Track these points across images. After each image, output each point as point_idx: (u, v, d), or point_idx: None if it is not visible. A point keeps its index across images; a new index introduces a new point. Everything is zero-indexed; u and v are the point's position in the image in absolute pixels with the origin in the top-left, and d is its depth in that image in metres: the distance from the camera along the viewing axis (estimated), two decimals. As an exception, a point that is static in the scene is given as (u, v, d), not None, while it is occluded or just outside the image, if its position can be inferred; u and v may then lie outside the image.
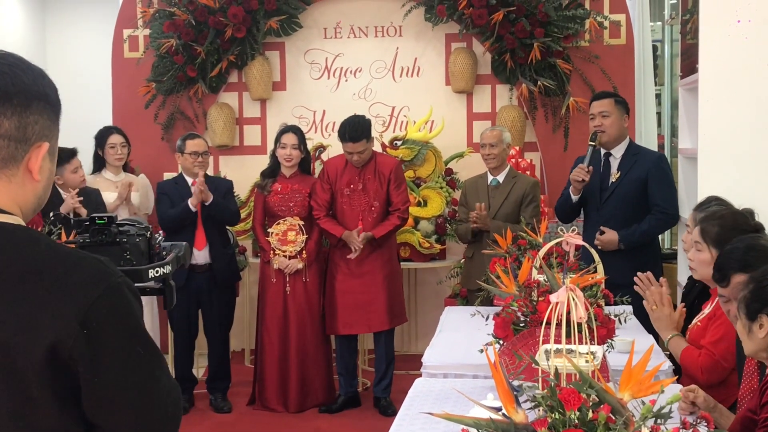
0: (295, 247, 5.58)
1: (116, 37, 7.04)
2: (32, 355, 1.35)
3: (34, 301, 1.36)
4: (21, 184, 1.46)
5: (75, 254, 1.44)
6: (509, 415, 1.73)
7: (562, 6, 6.53)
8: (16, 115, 1.42)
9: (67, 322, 1.35)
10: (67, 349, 1.36)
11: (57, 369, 1.36)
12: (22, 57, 1.48)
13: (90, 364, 1.37)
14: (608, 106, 5.12)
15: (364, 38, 7.00)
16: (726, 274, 2.85)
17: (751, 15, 4.56)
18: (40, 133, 1.46)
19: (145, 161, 6.81)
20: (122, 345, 1.40)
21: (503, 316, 3.03)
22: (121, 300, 1.41)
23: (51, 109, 1.49)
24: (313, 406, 5.67)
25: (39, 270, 1.39)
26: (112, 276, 1.42)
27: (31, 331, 1.35)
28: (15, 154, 1.44)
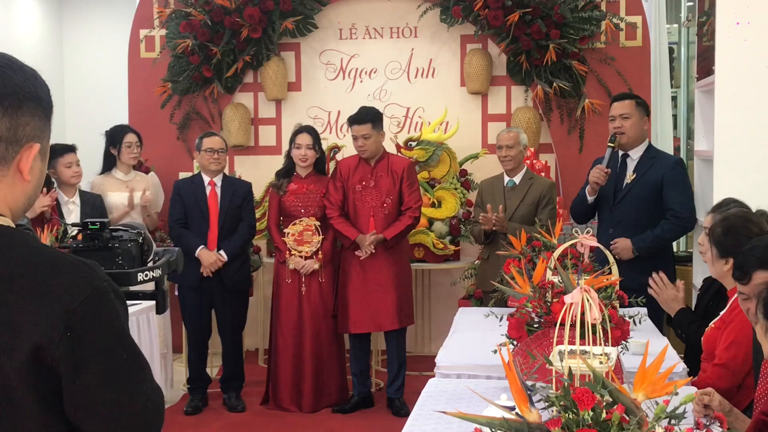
0: (311, 247, 5.59)
1: (132, 37, 7.08)
2: (15, 356, 1.35)
3: (18, 303, 1.36)
4: (11, 184, 1.46)
5: (62, 257, 1.44)
6: (523, 414, 1.73)
7: (578, 7, 6.52)
8: (8, 117, 1.42)
9: (51, 324, 1.36)
10: (50, 352, 1.36)
11: (40, 371, 1.37)
12: (13, 57, 1.48)
13: (72, 367, 1.37)
14: (629, 108, 5.10)
15: (380, 39, 7.01)
16: (747, 272, 2.85)
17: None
18: (31, 134, 1.45)
19: (160, 161, 6.84)
20: (105, 349, 1.40)
21: (517, 317, 3.03)
22: (106, 304, 1.41)
23: (42, 110, 1.48)
24: (327, 406, 5.67)
25: (25, 272, 1.39)
26: (98, 279, 1.42)
27: (14, 333, 1.35)
28: (5, 155, 1.44)
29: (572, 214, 5.36)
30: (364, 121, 5.49)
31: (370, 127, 5.49)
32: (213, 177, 5.68)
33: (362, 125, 5.49)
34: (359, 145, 5.54)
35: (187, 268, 5.64)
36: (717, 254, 3.43)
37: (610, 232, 5.01)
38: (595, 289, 2.44)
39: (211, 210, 5.65)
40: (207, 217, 5.64)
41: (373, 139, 5.51)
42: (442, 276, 6.83)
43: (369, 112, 5.57)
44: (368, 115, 5.53)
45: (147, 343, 4.70)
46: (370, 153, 5.55)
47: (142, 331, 4.65)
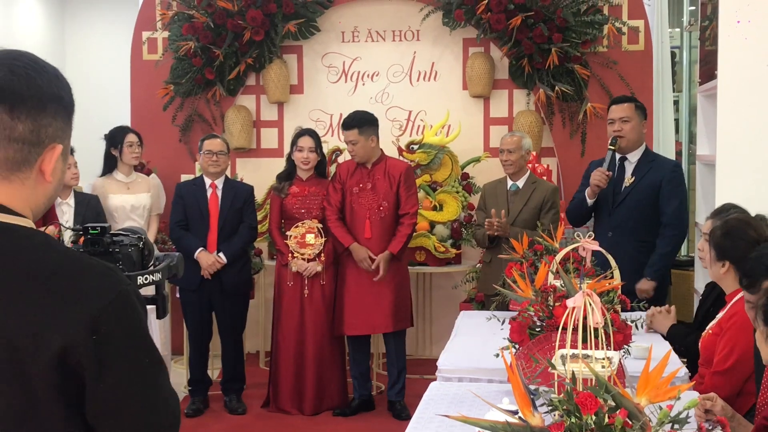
0: (313, 249, 5.59)
1: (135, 39, 7.08)
2: (41, 358, 1.35)
3: (45, 306, 1.36)
4: (33, 186, 1.46)
5: (86, 260, 1.45)
6: (525, 418, 1.73)
7: (581, 11, 6.52)
8: (31, 119, 1.42)
9: (77, 327, 1.36)
10: (75, 354, 1.36)
11: (64, 373, 1.37)
12: (36, 57, 1.48)
13: (96, 370, 1.38)
14: (628, 111, 5.10)
15: (382, 42, 7.01)
16: (755, 281, 2.84)
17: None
18: (53, 135, 1.45)
19: (162, 163, 6.85)
20: (129, 352, 1.41)
21: (519, 321, 3.03)
22: (129, 307, 1.42)
23: (64, 111, 1.48)
24: (328, 409, 5.67)
25: (51, 274, 1.39)
26: (121, 283, 1.43)
27: (41, 335, 1.35)
28: (28, 157, 1.44)
29: (569, 217, 5.35)
30: (351, 127, 5.50)
31: (356, 133, 5.49)
32: (214, 179, 5.68)
33: (349, 130, 5.51)
34: (349, 150, 5.59)
35: (187, 270, 5.60)
36: (715, 257, 3.43)
37: (609, 235, 5.00)
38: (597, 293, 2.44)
39: (211, 212, 5.65)
40: (207, 219, 5.64)
41: (361, 144, 5.51)
42: (443, 279, 6.83)
43: (356, 117, 5.55)
44: (354, 121, 5.52)
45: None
46: (359, 158, 5.55)
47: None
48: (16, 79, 1.41)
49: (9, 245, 1.41)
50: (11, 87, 1.40)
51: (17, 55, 1.46)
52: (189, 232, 5.65)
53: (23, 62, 1.44)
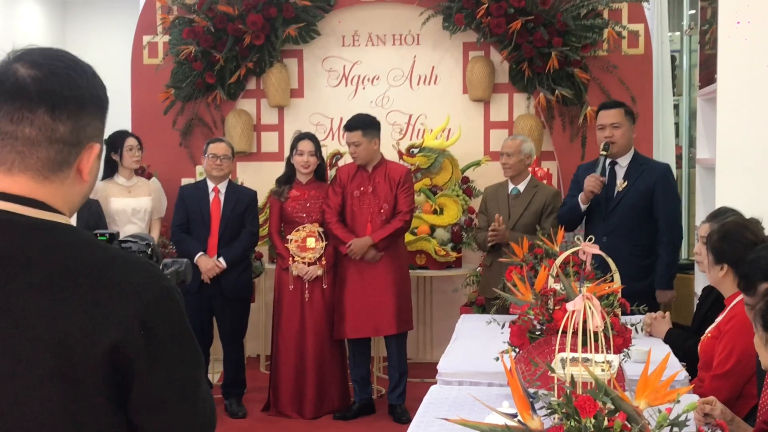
0: (314, 253, 5.59)
1: (136, 43, 7.09)
2: (93, 354, 1.36)
3: (96, 301, 1.37)
4: (71, 185, 1.48)
5: (129, 256, 1.47)
6: (525, 421, 1.73)
7: (581, 15, 6.52)
8: (71, 120, 1.43)
9: (128, 322, 1.37)
10: (127, 350, 1.37)
11: (114, 369, 1.38)
12: (74, 56, 1.49)
13: (146, 364, 1.39)
14: (618, 116, 5.11)
15: (382, 46, 7.02)
16: (752, 284, 2.86)
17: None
18: (91, 135, 1.47)
19: (163, 167, 6.85)
20: (175, 346, 1.44)
21: (519, 324, 3.03)
22: (174, 302, 1.45)
23: (101, 110, 1.50)
24: (328, 412, 5.67)
25: (99, 270, 1.40)
26: (164, 279, 1.46)
27: (94, 331, 1.36)
28: (68, 158, 1.45)
29: (561, 222, 5.24)
30: (354, 128, 5.52)
31: (360, 135, 5.50)
32: (217, 183, 5.69)
33: (352, 132, 5.52)
34: (351, 152, 5.59)
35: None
36: (713, 260, 3.44)
37: (604, 240, 5.00)
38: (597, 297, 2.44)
39: (212, 216, 5.66)
40: (208, 223, 5.65)
41: (364, 146, 5.52)
42: (443, 283, 6.83)
43: (360, 119, 5.58)
44: (358, 123, 5.54)
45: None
46: (361, 160, 5.56)
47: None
48: (56, 80, 1.42)
49: (55, 242, 1.41)
50: (52, 88, 1.41)
51: (57, 54, 1.46)
52: (190, 236, 5.65)
53: (64, 62, 1.45)
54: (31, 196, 1.43)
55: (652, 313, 4.09)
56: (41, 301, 1.37)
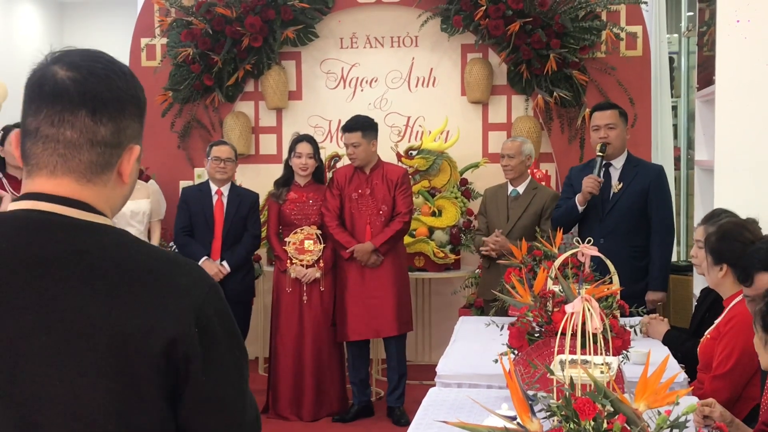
0: (312, 256, 5.59)
1: (134, 45, 7.09)
2: (150, 352, 1.36)
3: (149, 299, 1.37)
4: (113, 187, 1.47)
5: (175, 256, 1.47)
6: (524, 424, 1.73)
7: (579, 17, 6.53)
8: (112, 122, 1.42)
9: (184, 318, 1.37)
10: (183, 346, 1.37)
11: (168, 368, 1.38)
12: (112, 57, 1.48)
13: (201, 362, 1.39)
14: (614, 118, 5.11)
15: (380, 48, 7.02)
16: (750, 274, 2.87)
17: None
18: (131, 137, 1.47)
19: (161, 169, 6.85)
20: (227, 345, 1.43)
21: (518, 326, 3.03)
22: (222, 301, 1.44)
23: (140, 111, 1.49)
24: (327, 415, 5.67)
25: (149, 270, 1.40)
26: (210, 278, 1.46)
27: (149, 328, 1.36)
28: (110, 160, 1.45)
29: (555, 225, 5.21)
30: (354, 129, 5.52)
31: (359, 136, 5.50)
32: (220, 186, 5.69)
33: (352, 133, 5.52)
34: (349, 153, 5.59)
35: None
36: (712, 261, 3.44)
37: (601, 241, 4.99)
38: (596, 299, 2.44)
39: (216, 219, 5.65)
40: (212, 226, 5.64)
41: (363, 147, 5.52)
42: (442, 285, 6.82)
43: (359, 120, 5.59)
44: (358, 124, 5.55)
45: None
46: (360, 161, 5.56)
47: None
48: (96, 82, 1.42)
49: (102, 243, 1.41)
50: (93, 90, 1.41)
51: (96, 55, 1.45)
52: (193, 239, 5.64)
53: (102, 63, 1.44)
54: (76, 198, 1.43)
55: (649, 315, 4.09)
56: (93, 300, 1.37)
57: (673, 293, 6.45)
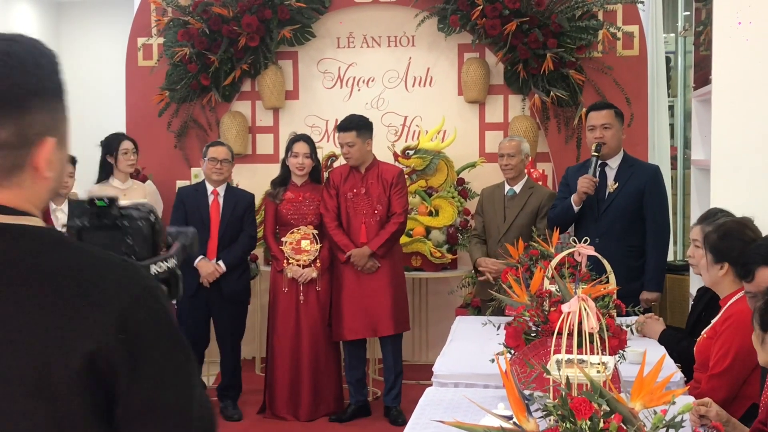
0: (309, 256, 5.58)
1: (130, 45, 7.08)
2: (70, 367, 1.25)
3: (68, 308, 1.26)
4: (32, 184, 1.36)
5: (105, 256, 1.36)
6: (520, 423, 1.73)
7: (576, 17, 6.53)
8: (11, 122, 1.29)
9: (105, 329, 1.26)
10: (106, 358, 1.26)
11: (93, 381, 1.27)
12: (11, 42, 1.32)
13: (129, 370, 1.28)
14: (610, 117, 5.11)
15: (377, 48, 7.02)
16: (750, 269, 2.88)
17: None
18: (42, 130, 1.33)
19: (158, 169, 6.84)
20: (160, 348, 1.32)
21: (515, 326, 3.03)
22: (157, 302, 1.33)
23: (52, 99, 1.35)
24: (324, 415, 5.67)
25: (70, 275, 1.29)
26: (146, 279, 1.35)
27: (66, 341, 1.26)
28: (17, 161, 1.32)
29: (551, 225, 5.19)
30: (349, 129, 5.52)
31: (354, 135, 5.50)
32: (216, 186, 5.68)
33: (347, 132, 5.52)
34: (344, 152, 5.58)
35: (186, 277, 5.62)
36: (712, 260, 3.44)
37: (596, 241, 5.00)
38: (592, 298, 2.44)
39: (212, 219, 5.65)
40: (208, 226, 5.63)
41: (358, 147, 5.52)
42: (439, 285, 6.82)
43: (354, 119, 5.59)
44: (352, 123, 5.54)
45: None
46: (354, 160, 5.56)
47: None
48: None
49: (23, 248, 1.31)
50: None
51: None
52: None
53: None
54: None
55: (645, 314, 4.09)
56: (15, 313, 1.27)
57: (669, 293, 6.46)
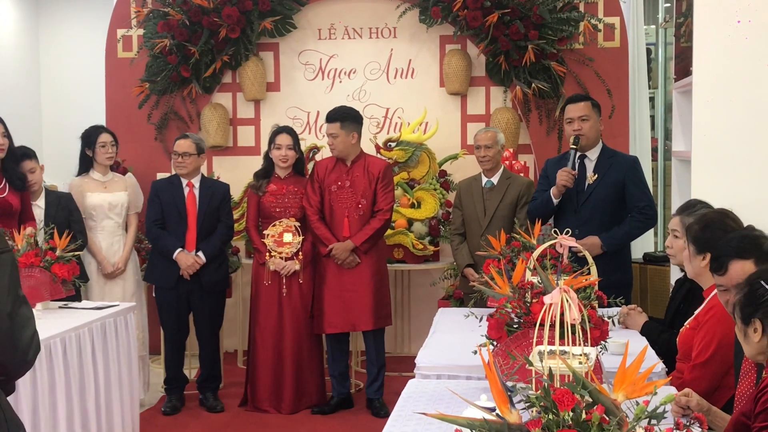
0: (291, 248, 5.57)
1: (110, 36, 7.03)
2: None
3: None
4: None
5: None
6: (503, 415, 1.73)
7: (557, 8, 6.53)
8: None
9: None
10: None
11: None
12: None
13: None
14: (586, 109, 5.11)
15: (359, 39, 7.00)
16: (723, 262, 2.88)
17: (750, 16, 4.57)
18: None
19: (138, 161, 6.81)
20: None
21: (497, 318, 3.03)
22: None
23: None
24: (306, 407, 5.66)
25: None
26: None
27: None
28: None
29: (531, 218, 5.16)
30: (333, 120, 5.50)
31: (338, 126, 5.48)
32: (190, 178, 5.66)
33: (331, 123, 5.51)
34: (329, 143, 5.57)
35: (164, 269, 5.63)
36: (694, 251, 3.44)
37: (576, 233, 5.01)
38: (574, 290, 2.44)
39: (189, 211, 5.63)
40: (185, 218, 5.61)
41: (341, 138, 5.49)
42: (421, 277, 6.83)
43: (340, 111, 5.56)
44: (337, 114, 5.52)
45: (125, 345, 4.66)
46: (338, 152, 5.53)
47: (119, 333, 4.62)
48: None
49: None
50: None
51: None
52: (166, 232, 5.62)
53: None
54: None
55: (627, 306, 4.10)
56: None
57: (650, 284, 6.49)
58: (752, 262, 2.85)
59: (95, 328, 4.37)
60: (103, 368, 4.42)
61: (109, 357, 4.49)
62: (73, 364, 4.11)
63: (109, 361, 4.49)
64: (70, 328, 4.14)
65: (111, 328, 4.53)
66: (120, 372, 4.60)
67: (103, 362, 4.43)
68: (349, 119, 5.52)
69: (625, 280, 5.09)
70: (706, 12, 4.67)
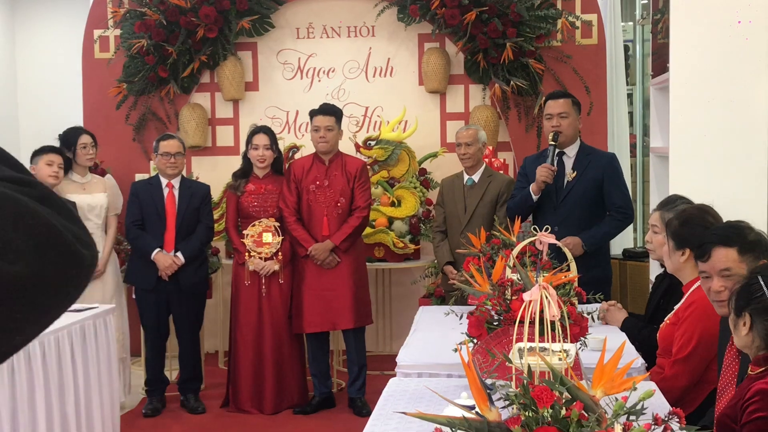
0: (270, 248, 5.55)
1: (87, 37, 6.99)
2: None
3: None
4: None
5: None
6: (482, 413, 1.73)
7: (534, 6, 6.55)
8: None
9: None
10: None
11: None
12: None
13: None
14: (566, 106, 5.12)
15: (337, 38, 6.99)
16: (706, 249, 2.91)
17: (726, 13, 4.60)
18: None
19: (116, 162, 6.77)
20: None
21: (477, 315, 3.03)
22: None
23: None
24: (288, 407, 5.65)
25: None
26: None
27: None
28: None
29: (511, 215, 5.16)
30: (329, 113, 5.51)
31: (333, 120, 5.51)
32: (171, 179, 5.63)
33: (327, 116, 5.50)
34: (321, 136, 5.50)
35: (144, 270, 5.60)
36: (674, 246, 3.47)
37: (555, 230, 5.02)
38: (553, 286, 2.45)
39: (168, 212, 5.60)
40: (164, 219, 5.59)
41: (335, 132, 5.52)
42: (402, 275, 6.83)
43: (332, 106, 5.62)
44: (334, 108, 5.58)
45: (104, 347, 4.63)
46: (329, 146, 5.52)
47: (99, 336, 4.59)
48: None
49: None
50: None
51: None
52: (145, 232, 5.59)
53: None
54: None
55: (608, 302, 4.12)
56: None
57: (629, 279, 6.52)
58: (735, 250, 2.88)
59: (74, 331, 4.34)
60: (83, 371, 4.39)
61: (89, 359, 4.46)
62: (52, 367, 4.08)
63: (88, 363, 4.46)
64: (48, 331, 4.10)
65: (90, 330, 4.50)
66: (100, 374, 4.57)
67: (83, 365, 4.40)
68: (340, 115, 5.57)
69: (604, 276, 5.10)
70: (683, 9, 4.70)
